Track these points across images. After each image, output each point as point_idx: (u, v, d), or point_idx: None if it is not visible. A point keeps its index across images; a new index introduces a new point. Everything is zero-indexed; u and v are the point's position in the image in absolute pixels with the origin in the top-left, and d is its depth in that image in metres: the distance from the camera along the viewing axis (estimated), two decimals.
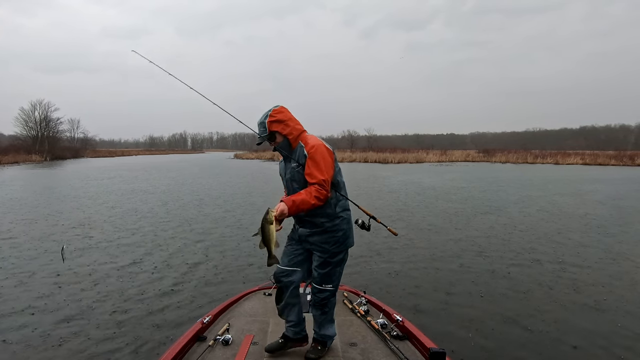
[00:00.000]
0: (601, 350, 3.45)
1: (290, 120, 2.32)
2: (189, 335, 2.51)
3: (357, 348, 2.46)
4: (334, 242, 2.32)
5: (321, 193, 2.16)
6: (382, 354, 2.40)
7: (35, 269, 5.53)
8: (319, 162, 2.21)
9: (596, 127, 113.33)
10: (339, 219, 2.34)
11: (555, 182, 19.74)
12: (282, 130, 2.29)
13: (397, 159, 43.91)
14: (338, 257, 2.36)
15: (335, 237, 2.32)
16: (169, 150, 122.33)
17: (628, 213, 10.59)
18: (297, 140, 2.32)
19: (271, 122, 2.28)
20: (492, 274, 5.49)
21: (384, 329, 2.68)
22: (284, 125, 2.29)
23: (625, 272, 5.53)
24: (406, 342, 2.56)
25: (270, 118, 2.28)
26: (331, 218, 2.32)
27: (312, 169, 2.20)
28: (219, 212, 10.51)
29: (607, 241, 7.33)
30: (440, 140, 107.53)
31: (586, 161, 41.22)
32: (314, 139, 2.32)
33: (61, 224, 8.76)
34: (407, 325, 2.69)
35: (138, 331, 3.72)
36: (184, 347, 2.39)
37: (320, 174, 2.18)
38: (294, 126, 2.32)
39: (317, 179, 2.17)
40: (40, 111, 55.22)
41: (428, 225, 8.80)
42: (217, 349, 2.44)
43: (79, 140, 71.11)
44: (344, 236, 2.35)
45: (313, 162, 2.21)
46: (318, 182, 2.17)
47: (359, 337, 2.62)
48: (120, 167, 31.91)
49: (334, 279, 2.38)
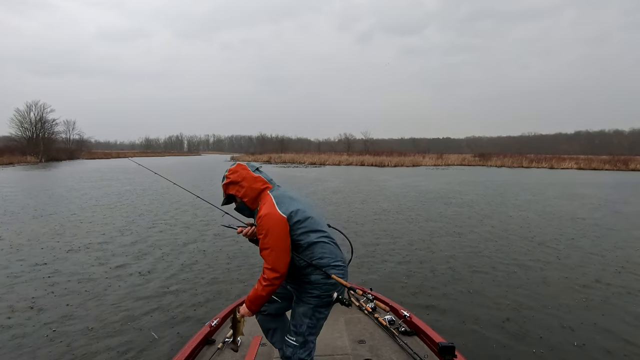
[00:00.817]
0: (607, 344, 3.49)
1: (245, 180, 2.04)
2: (198, 339, 2.51)
3: (366, 345, 2.47)
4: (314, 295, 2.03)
5: (271, 281, 1.89)
6: (391, 350, 2.39)
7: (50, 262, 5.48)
8: (266, 241, 1.89)
9: (590, 132, 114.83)
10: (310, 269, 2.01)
11: (550, 186, 19.91)
12: (237, 193, 2.05)
13: (393, 162, 44.08)
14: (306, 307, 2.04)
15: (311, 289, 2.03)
16: (165, 152, 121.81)
17: (624, 217, 10.71)
18: (256, 202, 2.04)
19: (226, 185, 2.07)
20: (498, 270, 5.59)
21: (392, 325, 2.68)
22: (239, 187, 2.04)
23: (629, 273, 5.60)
24: (415, 337, 2.56)
25: (225, 180, 2.07)
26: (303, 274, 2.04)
27: (260, 250, 1.93)
28: None
29: (605, 244, 7.40)
30: (436, 144, 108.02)
31: (580, 166, 41.57)
32: (267, 206, 1.95)
33: (60, 224, 8.72)
34: (415, 320, 2.68)
35: (147, 336, 3.69)
36: (193, 351, 2.39)
37: (266, 255, 1.89)
38: (250, 186, 2.04)
39: (264, 264, 1.91)
40: (36, 112, 54.97)
41: (431, 224, 8.96)
42: (226, 351, 2.44)
43: (74, 142, 70.52)
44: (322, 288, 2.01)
45: (261, 239, 1.92)
46: (264, 268, 1.91)
47: (367, 334, 2.62)
48: (114, 169, 31.70)
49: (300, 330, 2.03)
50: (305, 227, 1.97)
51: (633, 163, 40.75)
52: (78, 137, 72.20)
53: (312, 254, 1.97)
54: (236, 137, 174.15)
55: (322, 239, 2.00)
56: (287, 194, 2.05)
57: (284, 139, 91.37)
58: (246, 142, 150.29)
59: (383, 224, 9.04)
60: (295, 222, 1.94)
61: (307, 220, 1.98)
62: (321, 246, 1.98)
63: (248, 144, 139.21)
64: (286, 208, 1.94)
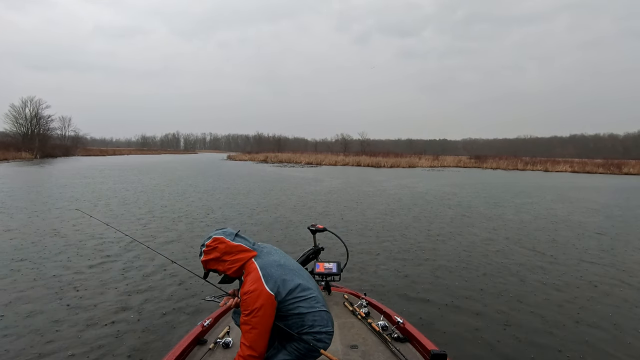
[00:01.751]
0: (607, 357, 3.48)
1: (226, 254, 1.95)
2: (189, 339, 2.48)
3: (358, 350, 2.46)
4: None
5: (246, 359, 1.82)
6: (383, 356, 2.39)
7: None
8: (248, 319, 1.81)
9: (585, 135, 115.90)
10: None
11: (548, 190, 20.09)
12: (218, 268, 1.97)
13: (389, 163, 44.26)
14: None
15: None
16: (161, 150, 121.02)
17: (619, 221, 10.87)
18: (240, 271, 1.96)
19: (206, 261, 1.98)
20: (492, 277, 5.58)
21: (385, 331, 2.67)
22: (220, 263, 1.96)
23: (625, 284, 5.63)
24: (407, 344, 2.55)
25: (205, 256, 1.98)
26: None
27: (241, 323, 1.86)
28: (226, 216, 10.56)
29: (603, 245, 7.48)
30: (432, 145, 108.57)
31: (575, 169, 41.98)
32: (252, 279, 1.87)
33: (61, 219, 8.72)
34: (408, 327, 2.67)
35: (138, 335, 3.70)
36: (184, 351, 2.37)
37: (246, 331, 1.83)
38: (232, 259, 1.95)
39: (242, 339, 1.85)
40: (31, 108, 54.54)
41: (427, 229, 8.94)
42: (217, 352, 2.42)
43: (69, 139, 70.12)
44: None
45: (243, 315, 1.84)
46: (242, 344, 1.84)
47: (360, 339, 2.61)
48: (113, 167, 31.57)
49: None
50: (296, 298, 1.91)
51: (626, 167, 41.19)
52: (73, 134, 71.90)
53: (302, 322, 1.92)
54: (233, 135, 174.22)
55: (313, 306, 1.94)
56: (272, 259, 1.98)
57: (280, 139, 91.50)
58: (243, 141, 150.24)
59: (379, 227, 9.03)
60: (284, 296, 1.88)
61: (297, 290, 1.92)
62: (312, 315, 1.92)
63: (245, 143, 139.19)
64: (274, 282, 1.87)
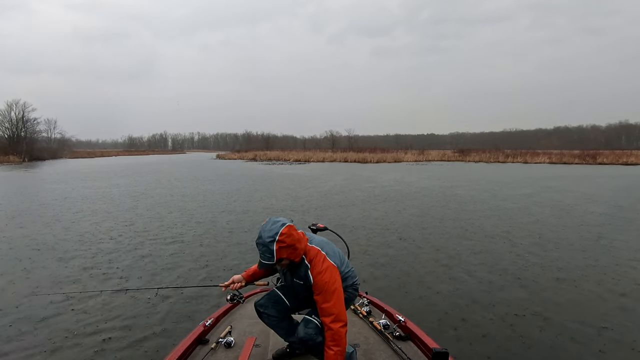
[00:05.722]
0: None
1: (299, 241, 2.00)
2: (191, 339, 2.48)
3: (360, 349, 2.44)
4: None
5: (341, 332, 1.97)
6: (385, 354, 2.38)
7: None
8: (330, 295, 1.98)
9: (569, 127, 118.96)
10: None
11: (525, 180, 21.10)
12: (289, 256, 1.99)
13: (376, 158, 45.40)
14: None
15: None
16: (149, 151, 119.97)
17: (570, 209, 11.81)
18: (300, 256, 2.05)
19: (280, 249, 1.95)
20: (494, 275, 5.50)
21: (387, 329, 2.66)
22: (293, 250, 1.98)
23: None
24: (409, 342, 2.55)
25: (279, 244, 1.94)
26: None
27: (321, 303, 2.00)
28: (227, 218, 10.65)
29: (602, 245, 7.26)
30: (420, 140, 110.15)
31: (552, 160, 43.58)
32: (320, 260, 2.04)
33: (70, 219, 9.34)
34: (410, 325, 2.66)
35: (139, 335, 3.70)
36: (186, 350, 2.37)
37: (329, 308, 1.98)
38: (301, 247, 2.02)
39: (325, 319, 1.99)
40: (17, 111, 54.28)
41: (423, 227, 8.67)
42: (219, 351, 2.42)
43: (56, 141, 69.59)
44: None
45: (323, 294, 1.99)
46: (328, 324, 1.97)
47: (362, 338, 2.59)
48: (110, 169, 31.64)
49: None
50: (344, 263, 2.22)
51: (600, 157, 43.03)
52: (60, 136, 71.35)
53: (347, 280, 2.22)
54: (221, 134, 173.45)
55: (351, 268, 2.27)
56: (320, 239, 2.21)
57: (269, 137, 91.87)
58: (232, 140, 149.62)
59: (379, 225, 8.80)
60: (341, 265, 2.15)
61: (342, 256, 2.24)
62: (352, 272, 2.26)
63: (234, 142, 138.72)
64: (331, 257, 2.10)
